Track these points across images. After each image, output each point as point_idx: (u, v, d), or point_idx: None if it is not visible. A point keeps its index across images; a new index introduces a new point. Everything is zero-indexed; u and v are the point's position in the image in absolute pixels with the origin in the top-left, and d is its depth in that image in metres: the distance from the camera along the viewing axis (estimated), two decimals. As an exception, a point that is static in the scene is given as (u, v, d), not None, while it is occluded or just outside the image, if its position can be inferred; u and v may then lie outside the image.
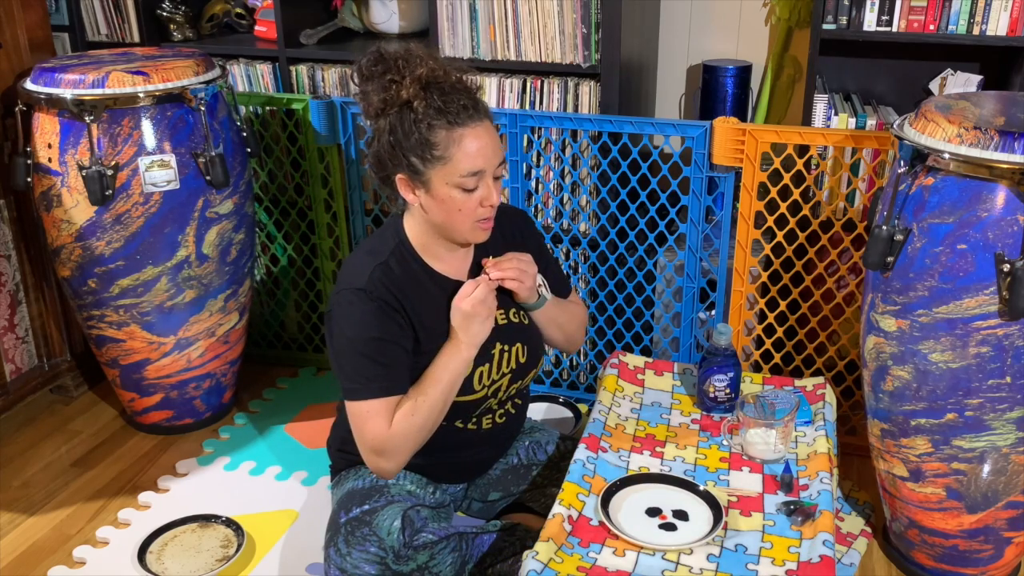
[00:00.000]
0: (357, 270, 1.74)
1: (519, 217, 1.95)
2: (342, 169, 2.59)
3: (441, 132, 1.64)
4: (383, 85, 1.66)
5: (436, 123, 1.63)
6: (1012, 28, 2.21)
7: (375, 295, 1.70)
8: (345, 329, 1.73)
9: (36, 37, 2.48)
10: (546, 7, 2.41)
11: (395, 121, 1.66)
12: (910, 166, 1.71)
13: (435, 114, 1.63)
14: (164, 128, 2.21)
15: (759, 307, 2.36)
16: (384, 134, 1.68)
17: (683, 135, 2.27)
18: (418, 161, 1.66)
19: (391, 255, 1.76)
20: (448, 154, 1.64)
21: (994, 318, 1.65)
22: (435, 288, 1.79)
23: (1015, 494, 1.82)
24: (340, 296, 1.74)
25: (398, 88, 1.64)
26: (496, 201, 1.71)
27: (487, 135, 1.67)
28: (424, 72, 1.64)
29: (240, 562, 2.03)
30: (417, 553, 1.71)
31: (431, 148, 1.64)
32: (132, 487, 2.31)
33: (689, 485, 1.68)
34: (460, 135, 1.64)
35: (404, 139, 1.65)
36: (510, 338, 1.85)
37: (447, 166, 1.65)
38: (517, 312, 1.88)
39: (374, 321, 1.70)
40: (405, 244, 1.78)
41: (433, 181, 1.67)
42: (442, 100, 1.63)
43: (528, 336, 1.89)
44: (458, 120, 1.64)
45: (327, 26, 2.82)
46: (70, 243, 2.27)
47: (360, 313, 1.71)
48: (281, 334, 2.93)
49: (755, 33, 2.85)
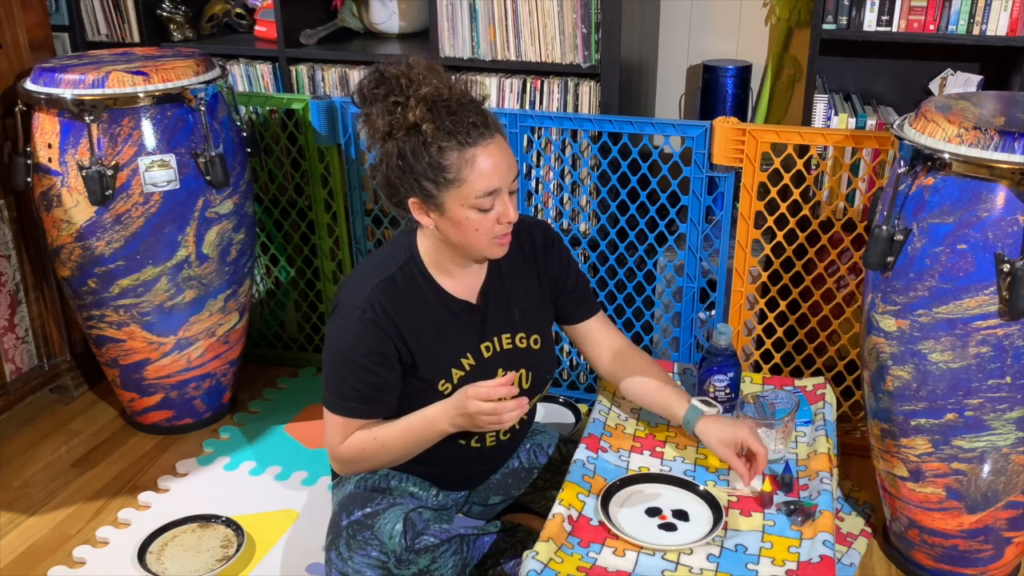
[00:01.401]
0: (361, 284, 1.72)
1: (539, 231, 1.86)
2: (342, 169, 2.59)
3: (452, 154, 1.58)
4: (387, 108, 1.60)
5: (446, 145, 1.58)
6: (1012, 28, 2.21)
7: (368, 316, 1.67)
8: (334, 341, 1.72)
9: (36, 37, 2.48)
10: (546, 7, 2.41)
11: (403, 145, 1.60)
12: (910, 166, 1.71)
13: (445, 136, 1.58)
14: (164, 128, 2.21)
15: (759, 307, 2.36)
16: (392, 158, 1.62)
17: (683, 135, 2.27)
18: (431, 185, 1.61)
19: (399, 271, 1.72)
20: (461, 176, 1.59)
21: (994, 318, 1.65)
22: (440, 308, 1.75)
23: (1015, 494, 1.82)
24: (339, 307, 1.72)
25: (404, 110, 1.58)
26: (513, 217, 1.66)
27: (500, 151, 1.62)
28: (429, 91, 1.58)
29: (240, 562, 2.03)
30: (419, 557, 1.70)
31: (443, 171, 1.59)
32: (132, 487, 2.31)
33: (689, 485, 1.68)
34: (472, 155, 1.59)
35: (415, 163, 1.60)
36: (514, 364, 1.82)
37: (461, 188, 1.60)
38: (524, 337, 1.83)
39: (359, 345, 1.68)
40: (415, 260, 1.74)
41: (447, 204, 1.62)
42: (451, 120, 1.58)
43: (533, 362, 1.85)
44: (469, 140, 1.58)
45: (327, 26, 2.82)
46: (70, 243, 2.27)
47: (352, 332, 1.69)
48: (281, 334, 2.93)
49: (755, 33, 2.85)
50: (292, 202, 2.75)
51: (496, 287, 1.81)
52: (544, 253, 1.86)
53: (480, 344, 1.78)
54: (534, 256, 1.85)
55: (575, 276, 1.90)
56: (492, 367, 1.78)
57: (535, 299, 1.85)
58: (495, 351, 1.80)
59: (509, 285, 1.82)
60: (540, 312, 1.87)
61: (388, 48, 2.74)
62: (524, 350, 1.83)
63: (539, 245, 1.85)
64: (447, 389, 1.75)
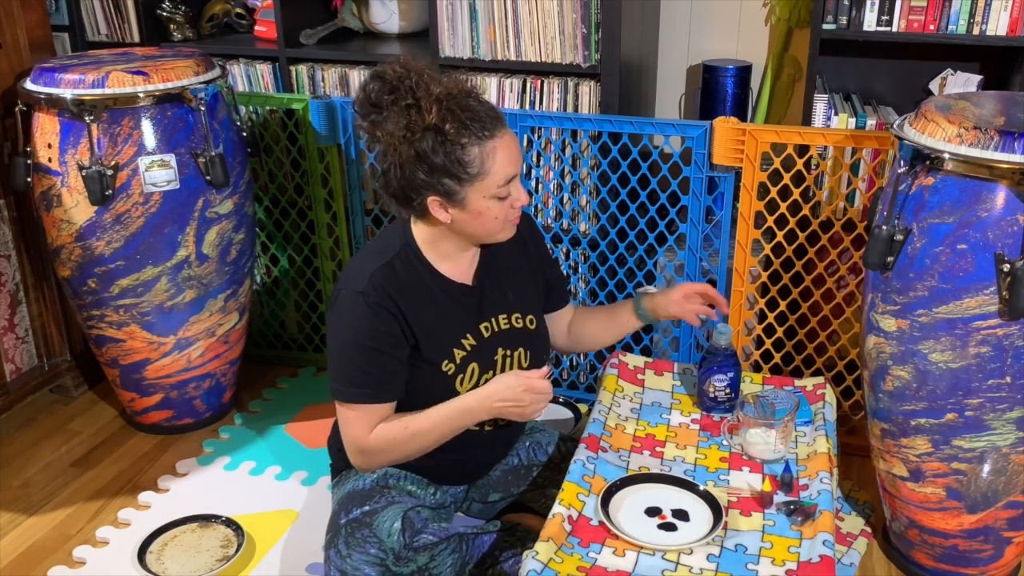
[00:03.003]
0: (360, 270, 1.74)
1: (524, 221, 1.92)
2: (342, 169, 2.59)
3: (474, 149, 1.62)
4: (401, 111, 1.62)
5: (467, 141, 1.62)
6: (1012, 28, 2.21)
7: (372, 299, 1.70)
8: (340, 330, 1.74)
9: (36, 37, 2.48)
10: (546, 7, 2.41)
11: (422, 146, 1.62)
12: (910, 166, 1.71)
13: (466, 133, 1.61)
14: (164, 128, 2.21)
15: (759, 307, 2.36)
16: (410, 161, 1.63)
17: (683, 135, 2.27)
18: (453, 182, 1.64)
19: (396, 257, 1.75)
20: (485, 169, 1.64)
21: (994, 318, 1.65)
22: (439, 291, 1.78)
23: (1015, 494, 1.82)
24: (340, 295, 1.74)
25: (420, 112, 1.61)
26: (526, 199, 1.72)
27: (512, 139, 1.68)
28: (441, 91, 1.62)
29: (240, 562, 2.03)
30: (417, 555, 1.71)
31: (466, 167, 1.63)
32: (132, 487, 2.31)
33: (689, 485, 1.68)
34: (493, 147, 1.64)
35: (435, 162, 1.62)
36: (512, 343, 1.86)
37: (485, 180, 1.65)
38: (520, 317, 1.88)
39: (368, 328, 1.70)
40: (411, 246, 1.77)
41: (470, 197, 1.66)
42: (467, 116, 1.61)
43: (530, 341, 1.89)
44: (486, 133, 1.63)
45: (327, 26, 2.82)
46: (70, 243, 2.27)
47: (357, 317, 1.71)
48: (281, 334, 2.93)
49: (755, 33, 2.85)
50: (292, 202, 2.75)
51: (490, 269, 1.86)
52: (532, 241, 1.93)
53: (479, 324, 1.82)
54: (523, 243, 1.90)
55: (556, 267, 2.01)
56: (492, 347, 1.82)
57: (526, 282, 1.92)
58: (494, 331, 1.84)
59: (502, 268, 1.87)
60: (532, 294, 1.93)
61: (388, 48, 2.74)
62: (521, 330, 1.87)
63: (526, 234, 1.92)
64: (450, 370, 1.78)
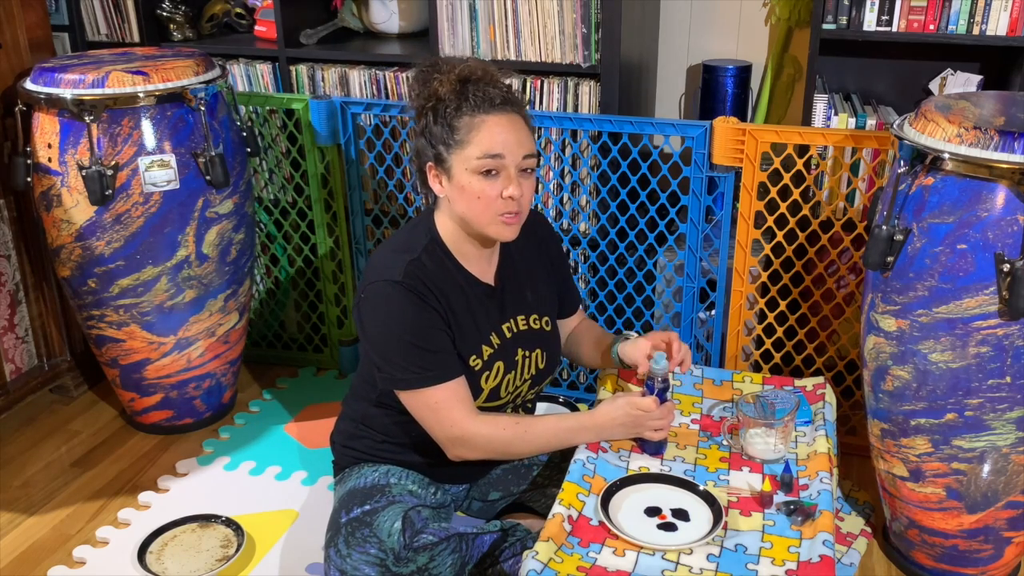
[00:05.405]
0: (389, 264, 1.74)
1: (544, 225, 1.98)
2: (342, 169, 2.59)
3: (465, 118, 1.68)
4: (425, 82, 1.73)
5: (461, 110, 1.68)
6: (1012, 28, 2.21)
7: (411, 287, 1.71)
8: (385, 320, 1.72)
9: (36, 37, 2.48)
10: (546, 7, 2.41)
11: (431, 114, 1.71)
12: (910, 166, 1.71)
13: (466, 106, 1.68)
14: (164, 128, 2.21)
15: (759, 307, 2.36)
16: (422, 130, 1.73)
17: (683, 135, 2.27)
18: (443, 148, 1.70)
19: (424, 251, 1.76)
20: (467, 138, 1.67)
21: (994, 318, 1.65)
22: (467, 287, 1.80)
23: (1015, 494, 1.82)
24: (374, 287, 1.73)
25: (438, 83, 1.70)
26: (516, 194, 1.70)
27: (510, 124, 1.69)
28: (463, 69, 1.70)
29: (240, 562, 2.03)
30: (417, 555, 1.71)
31: (454, 133, 1.68)
32: (132, 487, 2.31)
33: (689, 485, 1.68)
34: (481, 120, 1.67)
35: (434, 128, 1.70)
36: (531, 344, 1.88)
37: (465, 149, 1.68)
38: (538, 319, 1.90)
39: (413, 310, 1.71)
40: (437, 240, 1.79)
41: (454, 167, 1.70)
42: (473, 92, 1.68)
43: (546, 342, 1.92)
44: (480, 108, 1.68)
45: (327, 26, 2.82)
46: (70, 243, 2.27)
47: (399, 304, 1.70)
48: (281, 334, 2.93)
49: (755, 33, 2.85)
50: (292, 202, 2.75)
51: (509, 271, 1.88)
52: (550, 244, 1.97)
53: (502, 324, 1.84)
54: (540, 245, 1.93)
55: (570, 275, 2.03)
56: (514, 347, 1.85)
57: (543, 285, 1.94)
58: (515, 331, 1.86)
59: (520, 269, 1.89)
60: (548, 297, 1.95)
61: (388, 48, 2.74)
62: (539, 331, 1.90)
63: (544, 237, 1.95)
64: (478, 365, 1.79)
